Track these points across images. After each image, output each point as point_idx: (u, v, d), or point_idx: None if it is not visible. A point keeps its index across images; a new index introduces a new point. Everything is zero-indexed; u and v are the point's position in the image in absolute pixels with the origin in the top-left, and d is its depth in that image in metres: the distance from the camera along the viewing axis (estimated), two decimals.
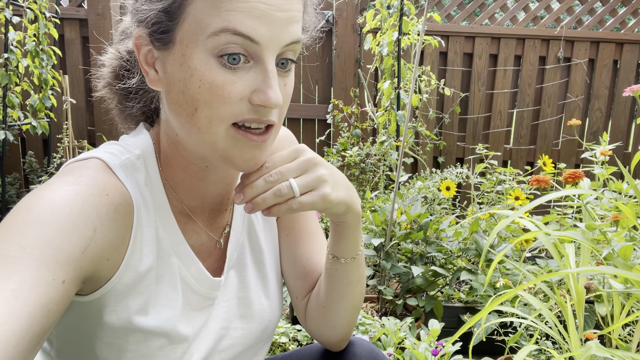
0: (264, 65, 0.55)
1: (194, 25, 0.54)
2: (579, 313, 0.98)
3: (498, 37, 3.14)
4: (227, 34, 0.53)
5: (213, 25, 0.53)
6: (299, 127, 3.22)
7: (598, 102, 3.20)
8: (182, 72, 0.55)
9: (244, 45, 0.54)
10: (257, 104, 0.56)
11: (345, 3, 3.01)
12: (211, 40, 0.53)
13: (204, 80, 0.54)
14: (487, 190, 2.00)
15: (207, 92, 0.54)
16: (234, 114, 0.56)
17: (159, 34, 0.56)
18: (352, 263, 0.72)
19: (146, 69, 0.60)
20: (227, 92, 0.55)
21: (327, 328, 0.77)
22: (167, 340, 0.64)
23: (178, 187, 0.66)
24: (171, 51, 0.56)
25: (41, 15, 2.31)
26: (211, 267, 0.71)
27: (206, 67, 0.54)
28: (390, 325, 1.40)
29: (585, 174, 1.09)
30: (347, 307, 0.75)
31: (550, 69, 3.17)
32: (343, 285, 0.73)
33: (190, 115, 0.56)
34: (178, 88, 0.56)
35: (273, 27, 0.54)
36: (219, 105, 0.55)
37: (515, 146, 3.25)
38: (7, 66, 2.20)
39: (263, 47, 0.54)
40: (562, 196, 1.23)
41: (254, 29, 0.53)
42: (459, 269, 1.65)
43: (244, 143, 0.58)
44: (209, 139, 0.57)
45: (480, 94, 3.19)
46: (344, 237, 0.70)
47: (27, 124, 2.41)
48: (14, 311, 0.43)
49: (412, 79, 1.57)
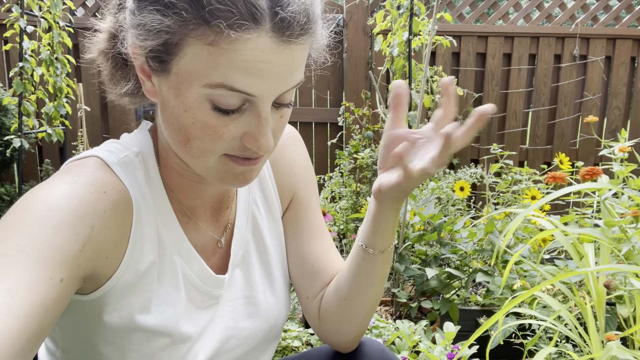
0: (259, 112, 0.54)
1: (191, 67, 0.52)
2: (599, 314, 0.95)
3: (511, 36, 3.10)
4: (224, 89, 0.51)
5: (210, 78, 0.51)
6: (311, 130, 3.21)
7: (616, 100, 3.14)
8: (177, 103, 0.54)
9: (240, 97, 0.53)
10: (248, 147, 0.56)
11: (355, 6, 3.01)
12: (206, 89, 0.52)
13: (197, 119, 0.54)
14: (503, 191, 1.96)
15: (199, 129, 0.54)
16: (226, 148, 0.56)
17: (156, 61, 0.54)
18: (380, 257, 0.70)
19: (142, 77, 0.58)
20: (219, 133, 0.55)
21: (345, 322, 0.75)
22: (170, 339, 0.64)
23: (176, 188, 0.66)
24: (168, 78, 0.54)
25: (55, 25, 2.34)
26: (215, 265, 0.70)
27: (199, 109, 0.53)
28: (405, 328, 1.38)
29: (604, 172, 1.06)
30: (369, 302, 0.73)
31: (565, 67, 3.12)
32: (369, 278, 0.71)
33: (184, 143, 0.56)
34: (172, 113, 0.55)
35: (271, 82, 0.53)
36: (211, 142, 0.55)
37: (531, 146, 3.20)
38: (22, 75, 2.23)
39: (259, 98, 0.54)
40: (581, 195, 1.20)
41: (251, 86, 0.52)
42: (474, 270, 1.62)
43: (237, 167, 0.58)
44: (201, 165, 0.58)
45: (494, 93, 3.14)
46: (379, 228, 0.68)
47: (42, 132, 2.44)
48: (10, 310, 0.43)
49: (423, 79, 1.55)
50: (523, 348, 1.38)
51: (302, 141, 0.82)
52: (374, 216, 0.68)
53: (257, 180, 0.75)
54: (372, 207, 0.68)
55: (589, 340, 0.90)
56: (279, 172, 0.77)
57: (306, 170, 0.80)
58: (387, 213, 0.67)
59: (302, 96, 3.17)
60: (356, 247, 0.72)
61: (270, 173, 0.76)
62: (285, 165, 0.78)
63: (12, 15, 2.21)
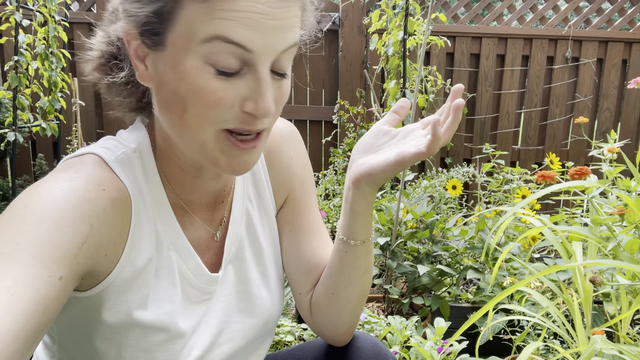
0: (257, 74, 0.54)
1: (186, 31, 0.52)
2: (586, 310, 0.97)
3: (505, 38, 3.12)
4: (219, 42, 0.51)
5: (205, 32, 0.51)
6: (305, 128, 3.22)
7: (607, 101, 3.17)
8: (173, 74, 0.54)
9: (237, 53, 0.53)
10: (248, 112, 0.55)
11: (351, 5, 3.02)
12: (203, 47, 0.52)
13: (194, 84, 0.53)
14: (494, 190, 1.99)
15: (195, 96, 0.54)
16: (224, 119, 0.55)
17: (150, 34, 0.55)
18: (362, 247, 0.71)
19: (136, 63, 0.58)
20: (218, 98, 0.54)
21: (335, 316, 0.76)
22: (166, 335, 0.64)
23: (174, 180, 0.66)
24: (162, 53, 0.55)
25: (51, 19, 2.34)
26: (209, 261, 0.71)
27: (197, 73, 0.53)
28: (396, 323, 1.40)
29: (593, 173, 1.08)
30: (356, 293, 0.74)
31: (558, 69, 3.15)
32: (353, 270, 0.72)
33: (180, 116, 0.56)
34: (169, 89, 0.55)
35: (268, 36, 0.53)
36: (208, 109, 0.54)
37: (523, 147, 3.23)
38: (17, 69, 2.22)
39: (257, 55, 0.53)
40: (570, 195, 1.22)
41: (247, 38, 0.52)
42: (465, 267, 1.64)
43: (234, 150, 0.57)
44: (199, 138, 0.57)
45: (487, 94, 3.17)
46: (359, 217, 0.69)
47: (36, 126, 2.43)
48: (9, 308, 0.43)
49: (417, 79, 1.57)
50: (512, 344, 1.41)
51: (301, 139, 0.82)
52: (352, 206, 0.69)
53: (251, 176, 0.76)
54: (350, 197, 0.68)
55: (576, 336, 0.92)
56: (275, 169, 0.77)
57: (303, 169, 0.80)
58: (367, 200, 0.68)
59: (297, 94, 3.18)
60: (337, 241, 0.73)
61: (265, 169, 0.76)
62: (282, 162, 0.77)
63: (7, 9, 2.20)
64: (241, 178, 0.74)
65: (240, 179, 0.74)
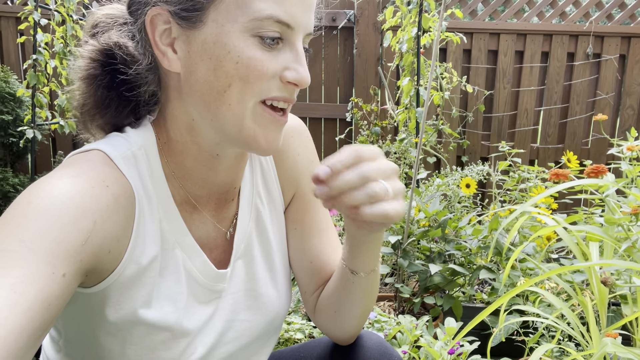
0: (295, 47, 0.60)
1: (233, 6, 0.56)
2: (601, 312, 0.94)
3: (524, 34, 3.06)
4: (270, 20, 0.56)
5: (257, 11, 0.56)
6: (320, 126, 3.21)
7: (630, 99, 3.09)
8: (217, 49, 0.57)
9: (280, 30, 0.58)
10: (289, 80, 0.59)
11: (366, 2, 3.00)
12: (252, 23, 0.56)
13: (242, 56, 0.56)
14: (510, 189, 1.95)
15: (244, 67, 0.57)
16: (265, 89, 0.59)
17: (187, 12, 0.57)
18: (371, 275, 0.70)
19: (162, 49, 0.59)
20: (265, 68, 0.57)
21: (337, 329, 0.76)
22: (170, 334, 0.64)
23: (186, 175, 0.65)
24: (200, 30, 0.57)
25: (68, 18, 2.38)
26: (218, 258, 0.70)
27: (245, 45, 0.57)
28: (406, 323, 1.38)
29: (613, 171, 1.05)
30: (359, 312, 0.74)
31: (578, 65, 3.08)
32: (358, 295, 0.71)
33: (222, 92, 0.58)
34: (208, 66, 0.57)
35: (306, 14, 0.59)
36: (255, 80, 0.57)
37: (542, 145, 3.16)
38: (36, 67, 2.27)
39: (296, 32, 0.59)
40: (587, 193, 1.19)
41: (294, 17, 0.57)
42: (478, 267, 1.61)
43: (269, 121, 0.60)
44: (238, 113, 0.59)
45: (505, 91, 3.12)
46: (368, 252, 0.67)
47: (55, 124, 2.48)
48: (13, 306, 0.43)
49: (430, 75, 1.54)
50: (525, 346, 1.38)
51: (309, 135, 0.80)
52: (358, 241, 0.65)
53: (260, 172, 0.75)
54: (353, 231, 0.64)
55: (590, 338, 0.90)
56: (282, 165, 0.76)
57: (311, 165, 0.79)
58: (373, 236, 0.64)
59: (312, 92, 3.17)
60: (341, 269, 0.70)
61: (272, 166, 0.76)
62: (289, 158, 0.77)
63: (26, 9, 2.25)
64: (250, 173, 0.74)
65: (249, 174, 0.73)
